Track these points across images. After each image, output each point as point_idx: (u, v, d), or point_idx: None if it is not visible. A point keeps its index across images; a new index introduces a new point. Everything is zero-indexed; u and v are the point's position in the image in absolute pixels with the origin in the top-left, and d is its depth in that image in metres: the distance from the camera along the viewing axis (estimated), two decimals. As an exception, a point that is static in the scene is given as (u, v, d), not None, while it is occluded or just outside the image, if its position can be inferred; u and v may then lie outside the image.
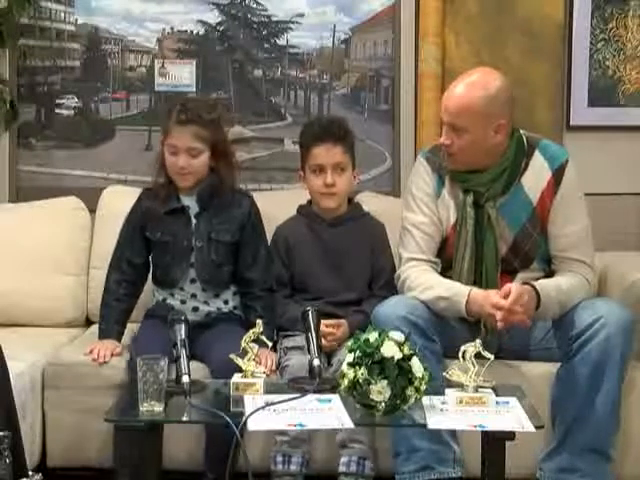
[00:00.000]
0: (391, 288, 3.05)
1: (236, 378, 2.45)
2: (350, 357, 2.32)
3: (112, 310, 3.09)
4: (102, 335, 3.08)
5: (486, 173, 2.94)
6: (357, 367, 2.29)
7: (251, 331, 2.50)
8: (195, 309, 3.08)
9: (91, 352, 2.99)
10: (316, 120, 3.44)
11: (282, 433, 2.82)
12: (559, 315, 2.88)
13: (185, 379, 2.43)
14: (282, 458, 2.83)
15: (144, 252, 3.13)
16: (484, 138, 2.87)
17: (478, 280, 2.93)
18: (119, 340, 3.06)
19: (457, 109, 2.86)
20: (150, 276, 3.16)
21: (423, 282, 2.90)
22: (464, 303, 2.81)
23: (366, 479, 2.84)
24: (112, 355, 2.97)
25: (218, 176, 3.09)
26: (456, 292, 2.84)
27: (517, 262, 2.98)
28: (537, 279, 2.93)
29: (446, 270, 2.99)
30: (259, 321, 2.53)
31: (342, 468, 2.84)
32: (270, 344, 2.64)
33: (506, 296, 2.74)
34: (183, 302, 3.08)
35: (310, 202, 3.21)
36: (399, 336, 2.34)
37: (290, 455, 2.83)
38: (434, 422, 2.31)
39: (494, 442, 2.33)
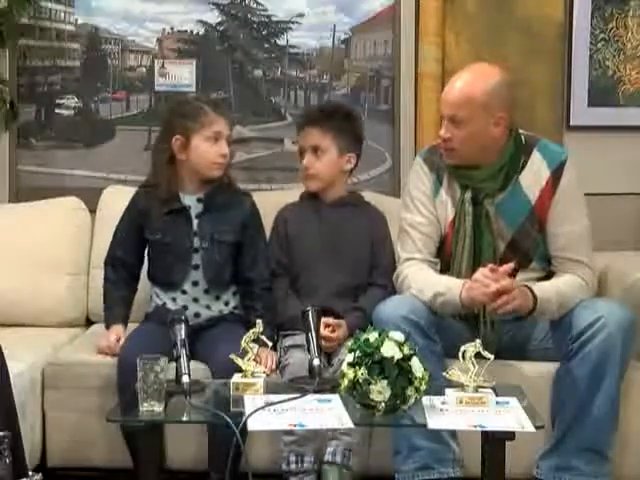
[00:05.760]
0: (390, 276, 3.05)
1: (236, 378, 2.45)
2: (350, 357, 2.32)
3: (113, 297, 3.11)
4: (108, 323, 3.08)
5: (484, 170, 2.94)
6: (357, 367, 2.29)
7: (251, 331, 2.50)
8: (197, 315, 3.06)
9: (100, 353, 3.01)
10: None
11: (289, 433, 2.80)
12: (557, 316, 2.88)
13: (185, 379, 2.43)
14: (295, 457, 2.82)
15: (139, 250, 3.14)
16: (484, 130, 2.88)
17: (477, 277, 2.93)
18: (125, 324, 3.06)
19: (458, 100, 2.87)
20: (147, 276, 3.16)
21: (420, 280, 2.90)
22: (459, 296, 2.81)
23: (349, 470, 2.81)
24: (117, 341, 2.97)
25: (225, 175, 3.09)
26: (451, 287, 2.84)
27: (516, 261, 2.97)
28: (537, 279, 2.93)
29: (446, 269, 2.99)
30: (259, 321, 2.52)
31: (327, 457, 2.81)
32: (270, 344, 2.64)
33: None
34: (185, 307, 3.05)
35: None
36: (399, 336, 2.34)
37: (302, 454, 2.82)
38: (434, 422, 2.31)
39: (494, 442, 2.34)
